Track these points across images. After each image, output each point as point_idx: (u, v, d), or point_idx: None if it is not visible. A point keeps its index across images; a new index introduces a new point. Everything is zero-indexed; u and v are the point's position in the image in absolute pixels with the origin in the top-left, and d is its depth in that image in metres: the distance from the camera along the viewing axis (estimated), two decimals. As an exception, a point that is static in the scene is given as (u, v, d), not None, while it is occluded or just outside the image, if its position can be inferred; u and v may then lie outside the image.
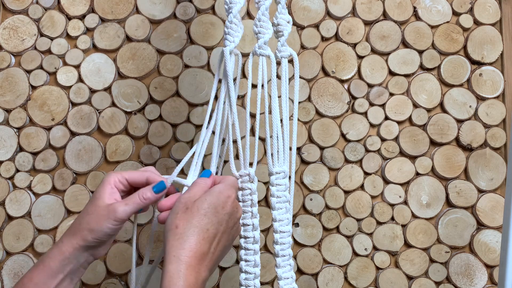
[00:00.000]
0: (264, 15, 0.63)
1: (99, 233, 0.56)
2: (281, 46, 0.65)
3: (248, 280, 0.59)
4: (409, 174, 0.89)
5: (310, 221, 0.88)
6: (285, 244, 0.61)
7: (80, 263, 0.57)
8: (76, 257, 0.56)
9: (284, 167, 0.62)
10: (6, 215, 0.86)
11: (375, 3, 0.91)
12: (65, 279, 0.57)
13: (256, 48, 0.63)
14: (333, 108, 0.89)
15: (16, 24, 0.89)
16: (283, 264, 0.61)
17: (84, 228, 0.56)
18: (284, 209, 0.61)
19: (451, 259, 0.88)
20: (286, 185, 0.62)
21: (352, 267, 0.88)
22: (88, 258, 0.58)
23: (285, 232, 0.61)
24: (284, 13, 0.65)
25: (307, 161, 0.88)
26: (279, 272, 0.60)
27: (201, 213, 0.53)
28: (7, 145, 0.87)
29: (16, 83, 0.87)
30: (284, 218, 0.61)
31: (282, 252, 0.60)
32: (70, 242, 0.56)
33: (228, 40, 0.62)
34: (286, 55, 0.65)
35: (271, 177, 0.62)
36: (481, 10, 0.91)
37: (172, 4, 0.90)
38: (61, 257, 0.56)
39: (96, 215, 0.56)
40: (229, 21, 0.62)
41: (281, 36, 0.65)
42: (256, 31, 0.64)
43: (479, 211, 0.88)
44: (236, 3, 0.62)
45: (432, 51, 0.90)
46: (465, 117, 0.90)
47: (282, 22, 0.65)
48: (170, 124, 0.88)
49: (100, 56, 0.89)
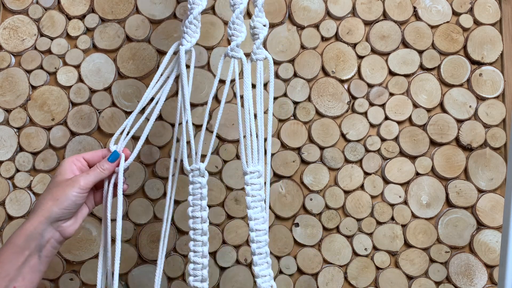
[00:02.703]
0: (239, 18, 0.65)
1: (64, 201, 0.57)
2: (257, 48, 0.67)
3: (196, 270, 0.61)
4: (409, 174, 0.89)
5: (310, 221, 0.88)
6: (261, 242, 0.62)
7: (46, 238, 0.57)
8: (40, 231, 0.57)
9: (259, 166, 0.63)
10: (6, 215, 0.86)
11: (375, 3, 0.91)
12: (32, 256, 0.57)
13: (229, 50, 0.65)
14: (333, 108, 0.89)
15: (16, 24, 0.89)
16: (260, 262, 0.61)
17: (49, 199, 0.58)
18: (259, 207, 0.62)
19: (451, 259, 0.88)
20: (260, 184, 0.63)
21: (352, 267, 0.88)
22: (54, 234, 0.58)
23: (261, 231, 0.62)
24: (260, 16, 0.67)
25: (307, 161, 0.88)
26: (256, 270, 0.61)
27: None
28: (7, 145, 0.87)
29: (16, 83, 0.88)
30: (260, 216, 0.62)
31: (258, 250, 0.61)
32: (35, 216, 0.57)
33: (185, 39, 0.65)
34: (261, 57, 0.67)
35: (246, 176, 0.63)
36: (481, 10, 0.91)
37: (172, 4, 0.90)
38: (26, 232, 0.56)
39: (60, 187, 0.59)
40: (189, 22, 0.64)
41: (257, 39, 0.67)
42: (230, 33, 0.66)
43: (479, 211, 0.88)
44: (199, 4, 0.64)
45: (432, 51, 0.90)
46: (465, 117, 0.90)
47: (258, 25, 0.67)
48: (170, 124, 0.88)
49: (100, 56, 0.89)
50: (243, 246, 0.87)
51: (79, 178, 0.59)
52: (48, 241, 0.58)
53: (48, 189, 0.59)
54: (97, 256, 0.86)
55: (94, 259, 0.86)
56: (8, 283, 0.55)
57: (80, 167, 0.63)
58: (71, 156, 0.63)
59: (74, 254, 0.86)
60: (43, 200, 0.58)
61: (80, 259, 0.86)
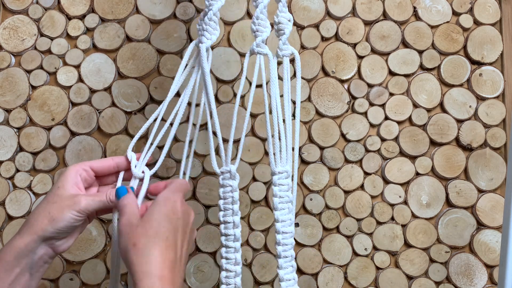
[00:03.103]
0: (262, 13, 0.63)
1: (60, 223, 0.53)
2: (283, 44, 0.65)
3: (229, 278, 0.59)
4: (409, 174, 0.89)
5: (310, 221, 0.88)
6: (288, 245, 0.60)
7: (38, 255, 0.54)
8: (33, 249, 0.53)
9: (287, 166, 0.61)
10: (6, 215, 0.86)
11: (375, 3, 0.91)
12: (23, 274, 0.53)
13: (254, 46, 0.63)
14: (333, 108, 0.89)
15: (16, 24, 0.89)
16: (285, 266, 0.60)
17: (44, 217, 0.53)
18: (287, 209, 0.60)
19: (451, 259, 0.88)
20: (288, 185, 0.61)
21: (352, 267, 0.88)
22: (47, 251, 0.54)
23: (287, 233, 0.60)
24: (284, 11, 0.64)
25: (307, 161, 0.88)
26: (281, 274, 0.59)
27: (155, 224, 0.50)
28: (7, 145, 0.87)
29: (16, 83, 0.88)
30: (287, 218, 0.60)
31: (284, 253, 0.60)
32: (27, 233, 0.53)
33: (205, 37, 0.62)
34: (288, 53, 0.65)
35: (274, 177, 0.61)
36: (481, 10, 0.91)
37: (172, 4, 0.90)
38: (16, 249, 0.52)
39: (58, 204, 0.53)
40: (209, 18, 0.62)
41: (283, 35, 0.64)
42: (254, 29, 0.63)
43: (479, 211, 0.88)
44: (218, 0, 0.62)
45: (432, 51, 0.90)
46: (465, 117, 0.90)
47: (283, 21, 0.64)
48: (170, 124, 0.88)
49: (100, 56, 0.89)
50: (243, 246, 0.87)
51: (81, 199, 0.54)
52: (41, 258, 0.54)
53: (46, 201, 0.54)
54: (97, 256, 0.86)
55: (94, 259, 0.86)
56: None
57: (86, 178, 0.58)
58: (76, 164, 0.57)
59: (74, 254, 0.86)
60: (38, 215, 0.53)
61: (80, 259, 0.86)
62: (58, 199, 0.54)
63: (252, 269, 0.87)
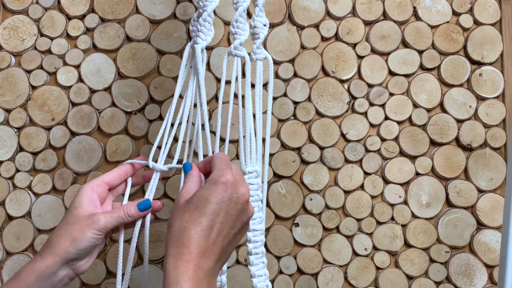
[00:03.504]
0: (241, 17, 0.64)
1: (82, 243, 0.53)
2: (257, 48, 0.67)
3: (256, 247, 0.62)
4: (409, 174, 0.89)
5: (310, 221, 0.88)
6: (258, 242, 0.62)
7: (59, 278, 0.54)
8: (55, 271, 0.53)
9: (256, 166, 0.63)
10: (6, 215, 0.86)
11: (375, 3, 0.91)
12: None
13: (232, 48, 0.64)
14: (333, 108, 0.89)
15: (16, 24, 0.89)
16: (256, 262, 0.61)
17: (66, 238, 0.53)
18: (256, 207, 0.62)
19: (451, 259, 0.88)
20: (258, 184, 0.63)
21: (352, 267, 0.88)
22: (68, 273, 0.55)
23: (257, 231, 0.62)
24: (261, 16, 0.67)
25: (307, 161, 0.88)
26: (252, 270, 0.61)
27: (192, 208, 0.50)
28: (7, 145, 0.87)
29: (16, 83, 0.88)
30: (257, 216, 0.62)
31: (255, 250, 0.61)
32: (50, 255, 0.53)
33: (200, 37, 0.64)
34: (261, 57, 0.67)
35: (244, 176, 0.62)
36: (481, 10, 0.91)
37: (172, 4, 0.90)
38: (38, 271, 0.52)
39: (79, 224, 0.54)
40: (203, 19, 0.63)
41: (257, 39, 0.66)
42: (232, 31, 0.65)
43: (479, 211, 0.88)
44: (212, 1, 0.63)
45: (432, 51, 0.90)
46: (465, 117, 0.90)
47: (258, 25, 0.66)
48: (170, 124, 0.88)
49: (100, 56, 0.89)
50: (243, 246, 0.87)
51: (100, 217, 0.54)
52: (61, 280, 0.55)
53: (65, 223, 0.55)
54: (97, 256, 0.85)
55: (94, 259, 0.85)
56: None
57: (101, 193, 0.58)
58: (90, 182, 0.58)
59: (74, 254, 0.86)
60: (59, 237, 0.54)
61: (80, 259, 0.86)
62: (77, 220, 0.54)
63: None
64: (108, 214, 0.55)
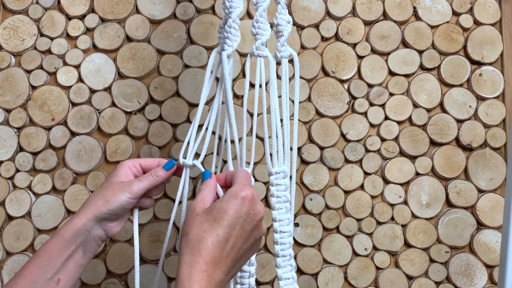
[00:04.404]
0: (262, 16, 0.64)
1: (114, 204, 0.58)
2: (281, 46, 0.65)
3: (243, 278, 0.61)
4: (409, 174, 0.89)
5: (310, 221, 0.88)
6: (286, 244, 0.61)
7: (92, 235, 0.59)
8: (88, 228, 0.58)
9: (284, 167, 0.62)
10: (6, 215, 0.86)
11: (375, 3, 0.91)
12: (77, 250, 0.58)
13: (254, 49, 0.64)
14: (333, 108, 0.89)
15: (16, 24, 0.89)
16: (283, 265, 0.60)
17: (100, 199, 0.58)
18: (284, 209, 0.61)
19: (451, 259, 0.88)
20: (286, 185, 0.62)
21: (352, 267, 0.88)
22: (99, 232, 0.59)
23: (285, 232, 0.61)
24: (284, 13, 0.65)
25: (307, 161, 0.88)
26: (279, 273, 0.60)
27: (211, 219, 0.52)
28: (7, 145, 0.87)
29: (16, 83, 0.88)
30: (285, 218, 0.61)
31: (282, 253, 0.60)
32: (84, 213, 0.58)
33: (227, 44, 0.63)
34: (286, 55, 0.66)
35: (271, 177, 0.62)
36: (481, 10, 0.91)
37: (172, 4, 0.90)
38: (74, 228, 0.57)
39: (112, 188, 0.59)
40: (229, 26, 0.63)
41: (281, 37, 0.65)
42: (254, 32, 0.64)
43: (479, 211, 0.88)
44: (236, 7, 0.62)
45: (432, 51, 0.90)
46: (465, 117, 0.90)
47: (282, 23, 0.65)
48: (170, 124, 0.88)
49: (100, 56, 0.89)
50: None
51: (132, 183, 0.60)
52: (94, 238, 0.59)
53: (101, 187, 0.60)
54: (97, 256, 0.86)
55: (94, 259, 0.85)
56: (53, 275, 0.56)
57: (135, 173, 0.63)
58: (129, 160, 0.63)
59: (74, 254, 0.86)
60: (94, 197, 0.59)
61: (80, 259, 0.86)
62: (111, 185, 0.60)
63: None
64: (137, 179, 0.61)
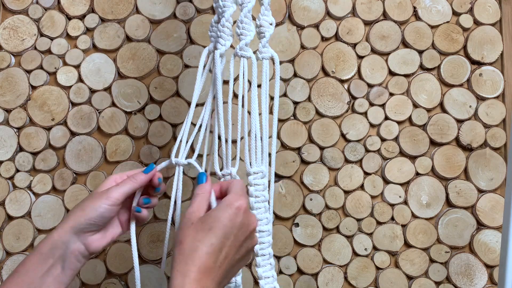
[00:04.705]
0: (247, 17, 0.64)
1: (91, 213, 0.56)
2: (263, 47, 0.66)
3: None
4: (409, 174, 0.89)
5: (310, 221, 0.88)
6: (265, 243, 0.61)
7: (70, 249, 0.56)
8: (65, 241, 0.56)
9: (262, 167, 0.63)
10: (6, 215, 0.86)
11: (375, 3, 0.91)
12: (55, 266, 0.56)
13: (238, 49, 0.64)
14: (333, 108, 0.89)
15: (16, 24, 0.89)
16: (263, 264, 0.61)
17: (78, 210, 0.57)
18: (263, 208, 0.62)
19: (451, 259, 0.88)
20: (264, 185, 0.63)
21: (352, 267, 0.88)
22: (79, 246, 0.57)
23: (264, 232, 0.61)
24: (267, 14, 0.66)
25: (307, 161, 0.88)
26: (259, 272, 0.60)
27: (206, 228, 0.52)
28: (7, 145, 0.87)
29: (16, 83, 0.88)
30: (263, 217, 0.61)
31: (262, 252, 0.61)
32: (61, 225, 0.57)
33: (220, 43, 0.63)
34: (268, 56, 0.67)
35: (249, 177, 0.62)
36: (481, 10, 0.91)
37: (172, 4, 0.90)
38: (51, 241, 0.56)
39: (91, 199, 0.58)
40: (222, 25, 0.63)
41: (263, 38, 0.66)
42: (238, 32, 0.65)
43: (479, 211, 0.88)
44: (229, 6, 0.63)
45: (432, 51, 0.90)
46: (465, 117, 0.90)
47: (264, 24, 0.66)
48: (170, 124, 0.88)
49: (100, 56, 0.89)
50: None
51: (110, 189, 0.59)
52: (73, 252, 0.57)
53: (81, 200, 0.59)
54: (97, 256, 0.86)
55: (94, 259, 0.86)
56: None
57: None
58: (114, 174, 0.62)
59: (74, 254, 0.86)
60: (74, 209, 0.58)
61: (80, 259, 0.86)
62: (91, 196, 0.59)
63: (252, 269, 0.87)
64: (117, 185, 0.59)
